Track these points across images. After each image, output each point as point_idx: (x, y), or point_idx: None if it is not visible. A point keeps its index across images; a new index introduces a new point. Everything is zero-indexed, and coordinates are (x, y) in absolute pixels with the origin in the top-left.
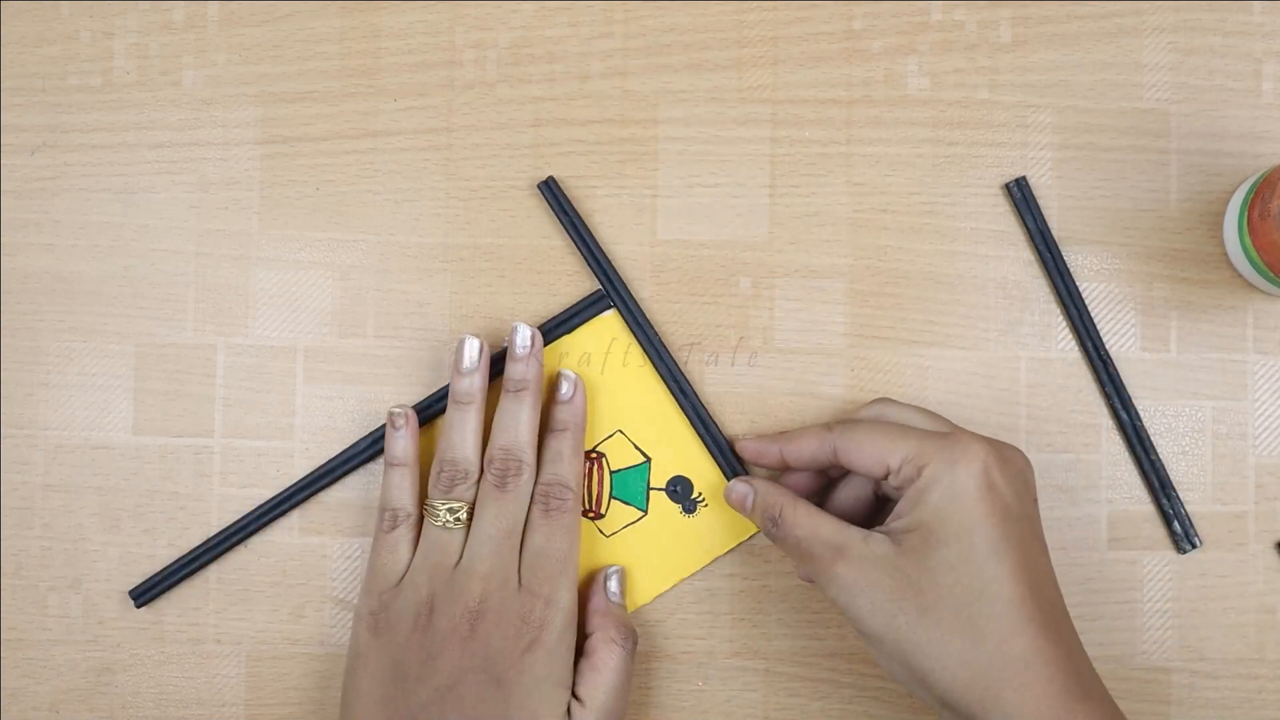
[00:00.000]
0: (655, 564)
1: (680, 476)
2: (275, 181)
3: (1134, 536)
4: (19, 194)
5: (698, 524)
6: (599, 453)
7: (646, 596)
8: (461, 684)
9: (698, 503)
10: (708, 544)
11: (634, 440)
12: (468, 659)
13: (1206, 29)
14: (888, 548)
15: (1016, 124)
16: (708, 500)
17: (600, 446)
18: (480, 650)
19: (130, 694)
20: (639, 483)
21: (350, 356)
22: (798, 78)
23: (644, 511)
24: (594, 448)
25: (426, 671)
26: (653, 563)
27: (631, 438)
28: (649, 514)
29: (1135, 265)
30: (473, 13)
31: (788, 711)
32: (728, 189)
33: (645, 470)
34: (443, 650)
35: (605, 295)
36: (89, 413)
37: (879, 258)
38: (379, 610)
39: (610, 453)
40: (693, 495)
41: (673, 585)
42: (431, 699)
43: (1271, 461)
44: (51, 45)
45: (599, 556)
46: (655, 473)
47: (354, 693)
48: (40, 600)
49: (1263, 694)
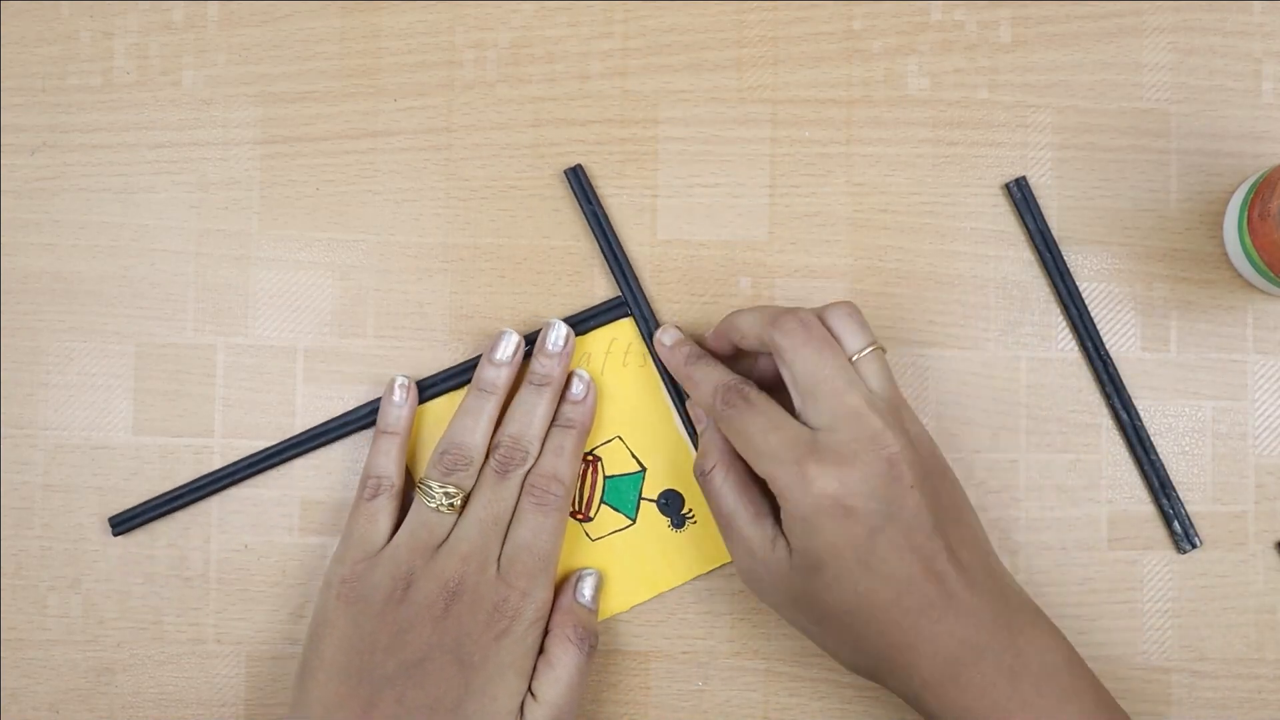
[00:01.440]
0: (637, 574)
1: (672, 490)
2: (275, 181)
3: (1134, 536)
4: (19, 194)
5: (684, 540)
6: (596, 456)
7: (624, 605)
8: (429, 660)
9: (687, 519)
10: (691, 561)
11: (632, 448)
12: (438, 636)
13: (1206, 29)
14: (784, 559)
15: (1016, 124)
16: (697, 518)
17: (598, 450)
18: (452, 629)
19: (130, 694)
20: (631, 491)
21: (350, 356)
22: (798, 78)
23: (632, 520)
24: (592, 450)
25: (396, 645)
26: (635, 572)
27: (630, 445)
28: (637, 524)
29: (1135, 265)
30: (473, 13)
31: (788, 711)
32: (728, 189)
33: (639, 480)
34: (414, 625)
35: (623, 303)
36: (89, 413)
37: (879, 258)
38: (351, 579)
39: (607, 458)
40: (683, 511)
41: (650, 598)
42: (396, 673)
43: (1271, 461)
44: (51, 45)
45: (581, 559)
46: (649, 483)
47: (316, 660)
48: (40, 600)
49: (1263, 694)
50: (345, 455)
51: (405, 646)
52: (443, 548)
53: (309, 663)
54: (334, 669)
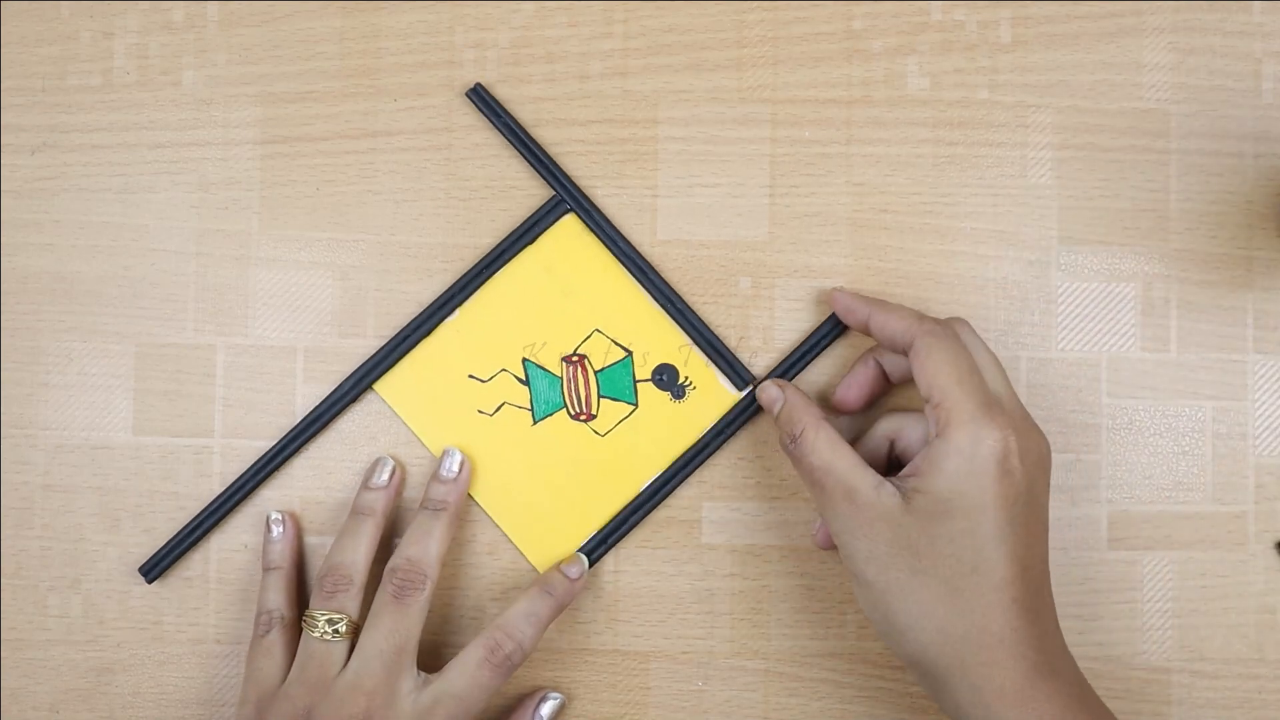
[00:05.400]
0: (648, 451)
1: (665, 364)
2: (275, 181)
3: (1134, 536)
4: (19, 194)
5: (688, 408)
6: (580, 354)
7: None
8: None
9: (686, 387)
10: (697, 423)
11: (612, 337)
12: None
13: (1206, 29)
14: (896, 502)
15: (1016, 124)
16: (695, 384)
17: (580, 349)
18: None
19: (130, 694)
20: (625, 377)
21: (350, 356)
22: (798, 78)
23: (634, 405)
24: (574, 350)
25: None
26: (646, 451)
27: (609, 334)
28: (639, 406)
29: (1135, 265)
30: (473, 13)
31: (788, 711)
32: (728, 189)
33: (629, 364)
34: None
35: (561, 200)
36: (89, 413)
37: (879, 258)
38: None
39: (591, 353)
40: (680, 380)
41: (664, 468)
42: None
43: (1271, 461)
44: (51, 45)
45: (595, 455)
46: (639, 365)
47: None
48: (40, 600)
49: (1263, 694)
50: (345, 455)
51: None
52: (342, 680)
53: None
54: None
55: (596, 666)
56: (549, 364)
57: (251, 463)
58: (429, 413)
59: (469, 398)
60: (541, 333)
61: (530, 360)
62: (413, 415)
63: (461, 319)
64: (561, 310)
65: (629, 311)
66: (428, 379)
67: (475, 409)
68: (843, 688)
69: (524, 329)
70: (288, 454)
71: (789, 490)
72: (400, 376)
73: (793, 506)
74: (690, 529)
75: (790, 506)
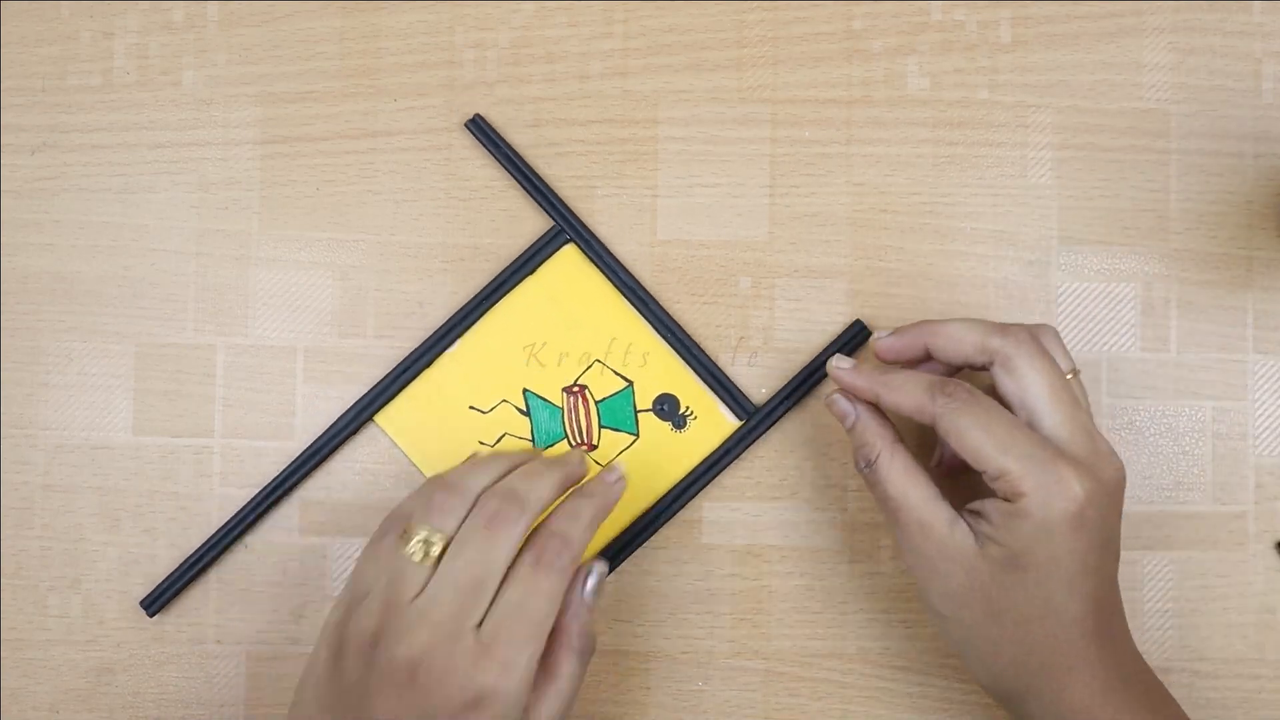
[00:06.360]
0: (648, 480)
1: (665, 394)
2: (275, 181)
3: (1134, 536)
4: (19, 194)
5: (689, 438)
6: (581, 385)
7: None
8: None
9: (686, 417)
10: (698, 453)
11: (613, 367)
12: (404, 708)
13: (1206, 29)
14: (970, 544)
15: (1016, 124)
16: (696, 413)
17: (580, 380)
18: (419, 702)
19: (130, 694)
20: (625, 407)
21: (350, 356)
22: (798, 78)
23: (635, 435)
24: (575, 381)
25: (363, 708)
26: (646, 480)
27: (610, 365)
28: (640, 437)
29: (1135, 265)
30: (473, 13)
31: (788, 711)
32: (728, 189)
33: (629, 394)
34: (379, 691)
35: (561, 230)
36: (89, 413)
37: (879, 258)
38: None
39: (591, 384)
40: (680, 410)
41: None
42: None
43: (1271, 461)
44: (51, 45)
45: None
46: (640, 395)
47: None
48: (40, 600)
49: (1263, 694)
50: (345, 455)
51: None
52: (414, 606)
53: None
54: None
55: (596, 666)
56: (550, 395)
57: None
58: (430, 444)
59: (470, 429)
60: (541, 364)
61: (531, 391)
62: (413, 447)
63: (462, 350)
64: (562, 341)
65: (629, 343)
66: (429, 410)
67: (476, 440)
68: (843, 688)
69: (524, 360)
70: (286, 488)
71: (789, 490)
72: (401, 408)
73: (793, 506)
74: (690, 529)
75: (790, 506)
